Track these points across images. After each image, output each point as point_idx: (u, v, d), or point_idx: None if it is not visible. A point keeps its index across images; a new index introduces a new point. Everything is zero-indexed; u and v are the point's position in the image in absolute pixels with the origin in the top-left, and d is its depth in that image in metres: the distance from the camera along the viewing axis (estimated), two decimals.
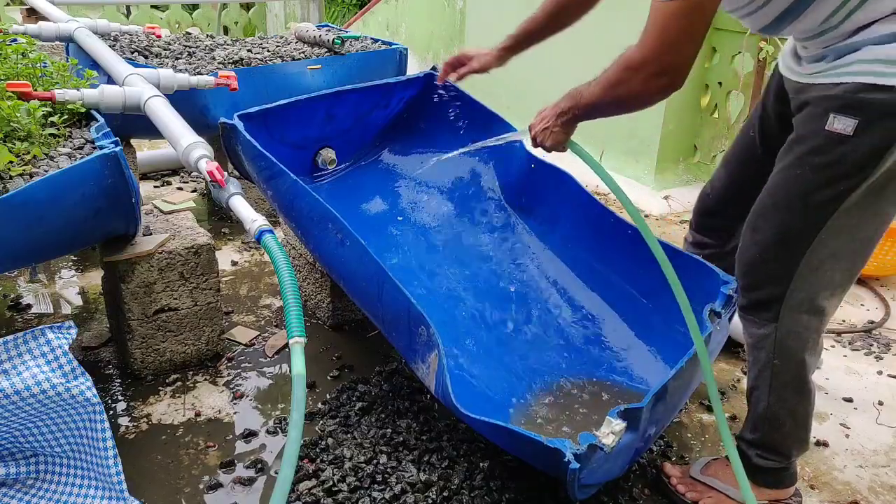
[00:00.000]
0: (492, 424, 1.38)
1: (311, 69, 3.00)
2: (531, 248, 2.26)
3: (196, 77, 2.31)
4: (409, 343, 1.65)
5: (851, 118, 1.28)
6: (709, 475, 1.68)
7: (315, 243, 1.98)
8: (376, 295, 1.72)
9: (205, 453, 1.79)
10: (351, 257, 1.77)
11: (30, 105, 1.78)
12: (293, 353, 1.26)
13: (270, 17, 7.28)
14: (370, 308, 1.87)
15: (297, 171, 2.01)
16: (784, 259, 1.44)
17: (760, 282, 1.50)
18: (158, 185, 3.60)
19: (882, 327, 2.51)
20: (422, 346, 1.60)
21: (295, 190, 1.83)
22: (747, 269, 1.53)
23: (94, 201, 1.71)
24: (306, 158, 2.32)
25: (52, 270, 2.70)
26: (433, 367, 1.54)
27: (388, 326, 1.78)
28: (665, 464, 1.75)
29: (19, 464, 1.54)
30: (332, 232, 1.78)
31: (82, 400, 1.46)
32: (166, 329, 2.04)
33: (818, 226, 1.38)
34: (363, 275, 1.77)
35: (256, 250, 2.93)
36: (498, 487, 1.64)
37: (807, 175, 1.37)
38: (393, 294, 1.64)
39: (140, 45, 3.02)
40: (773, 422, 1.56)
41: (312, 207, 1.80)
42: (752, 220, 1.51)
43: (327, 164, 2.32)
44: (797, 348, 1.50)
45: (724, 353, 2.30)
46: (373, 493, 1.61)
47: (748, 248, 1.52)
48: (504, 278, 2.20)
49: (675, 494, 1.67)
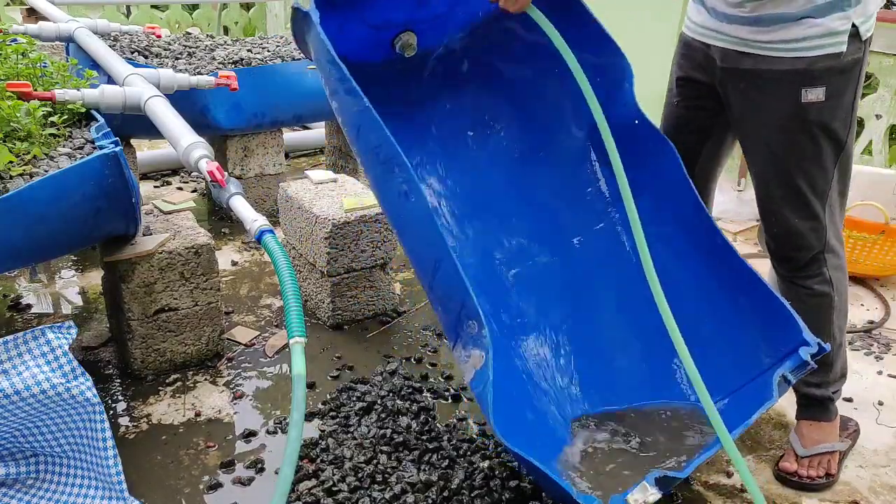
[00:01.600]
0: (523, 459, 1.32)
1: (312, 69, 3.00)
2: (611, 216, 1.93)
3: (196, 77, 2.30)
4: (455, 328, 1.53)
5: (820, 87, 1.51)
6: (812, 444, 1.78)
7: (376, 181, 1.73)
8: (431, 269, 1.59)
9: (205, 453, 1.79)
10: (412, 215, 1.60)
11: (30, 105, 1.78)
12: (293, 353, 1.26)
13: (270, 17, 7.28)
14: (422, 275, 1.67)
15: (371, 55, 1.87)
16: (817, 216, 1.63)
17: (808, 245, 1.65)
18: (158, 185, 3.60)
19: (882, 327, 2.51)
20: (468, 338, 1.48)
21: (365, 117, 1.57)
22: (792, 239, 1.66)
23: (94, 201, 1.71)
24: (384, 41, 1.94)
25: (52, 270, 2.70)
26: (475, 363, 1.46)
27: (437, 301, 1.64)
28: (780, 464, 1.79)
29: (19, 464, 1.54)
30: (397, 179, 1.57)
31: (82, 400, 1.46)
32: (166, 329, 2.04)
33: (829, 177, 1.61)
34: (421, 240, 1.62)
35: (256, 250, 2.93)
36: (498, 487, 1.63)
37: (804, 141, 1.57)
38: (450, 277, 1.49)
39: (140, 45, 3.02)
40: (840, 350, 1.76)
41: (381, 143, 1.57)
42: (775, 199, 1.64)
43: (405, 49, 1.96)
44: (844, 278, 1.72)
45: None
46: (373, 493, 1.61)
47: (785, 223, 1.65)
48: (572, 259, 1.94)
49: (811, 483, 1.74)
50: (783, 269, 1.73)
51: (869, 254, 2.69)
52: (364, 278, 2.36)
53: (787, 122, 1.56)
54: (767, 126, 1.60)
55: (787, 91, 1.54)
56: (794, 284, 1.71)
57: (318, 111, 3.26)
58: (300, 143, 4.13)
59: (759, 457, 1.85)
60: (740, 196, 3.49)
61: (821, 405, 1.79)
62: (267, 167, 3.21)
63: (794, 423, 1.91)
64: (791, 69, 1.52)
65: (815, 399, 1.79)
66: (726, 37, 1.60)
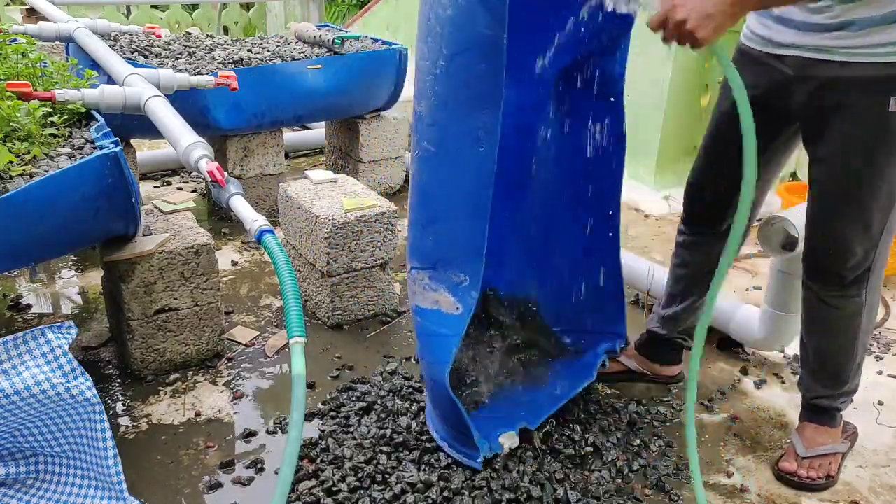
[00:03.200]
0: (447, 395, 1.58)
1: (311, 69, 3.00)
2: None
3: (196, 77, 2.30)
4: (436, 265, 1.63)
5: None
6: (815, 446, 1.77)
7: (439, 110, 1.52)
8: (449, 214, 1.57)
9: (205, 453, 1.79)
10: (470, 163, 1.49)
11: (30, 105, 1.78)
12: (293, 353, 1.26)
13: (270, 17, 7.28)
14: (431, 210, 1.63)
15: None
16: (873, 234, 1.58)
17: (856, 264, 1.61)
18: (158, 185, 3.60)
19: (882, 327, 2.50)
20: (450, 284, 1.59)
21: (483, 40, 1.39)
22: (845, 255, 1.60)
23: (94, 201, 1.71)
24: None
25: (52, 270, 2.70)
26: (444, 306, 1.58)
27: (431, 234, 1.65)
28: (780, 463, 1.79)
29: (19, 464, 1.54)
30: (479, 121, 1.44)
31: (82, 400, 1.46)
32: (166, 329, 2.04)
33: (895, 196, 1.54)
34: (460, 188, 1.53)
35: (256, 250, 2.93)
36: (498, 488, 1.63)
37: (879, 155, 1.48)
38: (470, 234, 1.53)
39: (140, 45, 3.02)
40: (859, 368, 1.77)
41: (486, 76, 1.40)
42: (834, 211, 1.58)
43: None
44: (877, 297, 1.70)
45: (725, 352, 2.30)
46: (373, 493, 1.61)
47: (839, 239, 1.59)
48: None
49: (808, 484, 1.74)
50: (818, 285, 1.67)
51: None
52: (364, 278, 2.36)
53: (868, 131, 1.47)
54: (844, 134, 1.50)
55: (872, 98, 1.44)
56: (824, 304, 1.67)
57: (318, 111, 3.26)
58: (300, 143, 4.14)
59: (759, 457, 1.85)
60: None
61: (827, 413, 1.80)
62: (267, 167, 3.21)
63: (794, 423, 1.92)
64: (879, 75, 1.42)
65: (822, 408, 1.80)
66: (803, 46, 1.50)
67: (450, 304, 1.61)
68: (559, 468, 1.71)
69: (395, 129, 3.45)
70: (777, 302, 2.05)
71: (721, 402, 2.06)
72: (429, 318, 1.65)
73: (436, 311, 1.63)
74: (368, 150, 3.40)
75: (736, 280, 2.83)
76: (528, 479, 1.66)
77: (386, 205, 2.34)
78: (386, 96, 3.34)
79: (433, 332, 1.64)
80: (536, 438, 1.79)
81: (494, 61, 1.38)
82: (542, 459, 1.74)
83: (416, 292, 1.69)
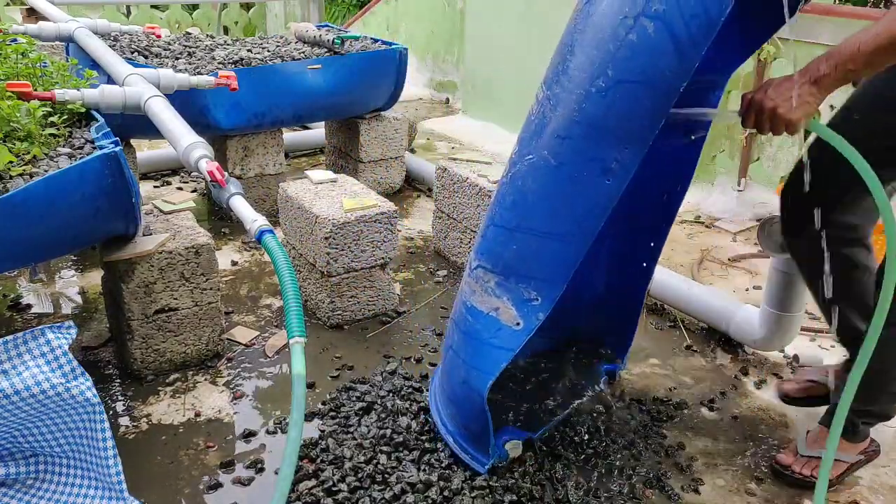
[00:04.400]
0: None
1: (311, 69, 3.01)
2: None
3: (196, 77, 2.30)
4: (505, 272, 1.55)
5: None
6: (816, 448, 1.74)
7: (576, 133, 1.40)
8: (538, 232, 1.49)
9: (205, 453, 1.79)
10: (591, 191, 1.40)
11: (30, 105, 1.78)
12: (293, 353, 1.26)
13: (270, 17, 7.28)
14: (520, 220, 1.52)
15: None
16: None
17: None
18: (158, 185, 3.60)
19: None
20: (516, 296, 1.53)
21: (664, 63, 1.28)
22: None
23: (94, 201, 1.71)
24: None
25: (52, 270, 2.70)
26: (505, 316, 1.55)
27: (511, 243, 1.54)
28: (778, 456, 1.79)
29: (19, 464, 1.54)
30: (613, 153, 1.36)
31: (82, 400, 1.46)
32: (166, 329, 2.04)
33: None
34: (566, 214, 1.45)
35: (256, 250, 2.93)
36: (499, 488, 1.63)
37: None
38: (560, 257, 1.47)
39: (140, 45, 3.02)
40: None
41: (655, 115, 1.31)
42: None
43: None
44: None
45: (724, 353, 2.30)
46: (373, 493, 1.61)
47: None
48: None
49: (803, 479, 1.73)
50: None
51: None
52: (364, 278, 2.36)
53: None
54: None
55: None
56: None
57: (318, 111, 3.26)
58: (300, 143, 4.14)
59: (759, 457, 1.85)
60: (740, 196, 3.49)
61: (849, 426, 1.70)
62: (267, 167, 3.21)
63: (793, 423, 1.92)
64: None
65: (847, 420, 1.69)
66: None
67: (511, 316, 1.54)
68: (560, 469, 1.71)
69: (395, 129, 3.45)
70: (777, 302, 2.04)
71: (721, 401, 2.06)
72: (482, 322, 1.59)
73: (492, 317, 1.57)
74: (368, 150, 3.40)
75: (736, 280, 2.83)
76: (529, 480, 1.66)
77: (386, 205, 2.34)
78: (386, 96, 3.34)
79: (484, 340, 1.58)
80: (536, 439, 1.78)
81: (662, 105, 1.30)
82: (543, 460, 1.74)
83: (475, 291, 1.61)
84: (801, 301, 2.02)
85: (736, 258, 3.00)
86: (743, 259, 3.00)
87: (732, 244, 3.17)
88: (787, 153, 3.43)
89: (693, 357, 2.28)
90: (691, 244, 3.14)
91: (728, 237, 3.23)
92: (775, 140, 3.45)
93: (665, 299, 2.48)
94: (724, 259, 3.00)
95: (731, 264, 2.97)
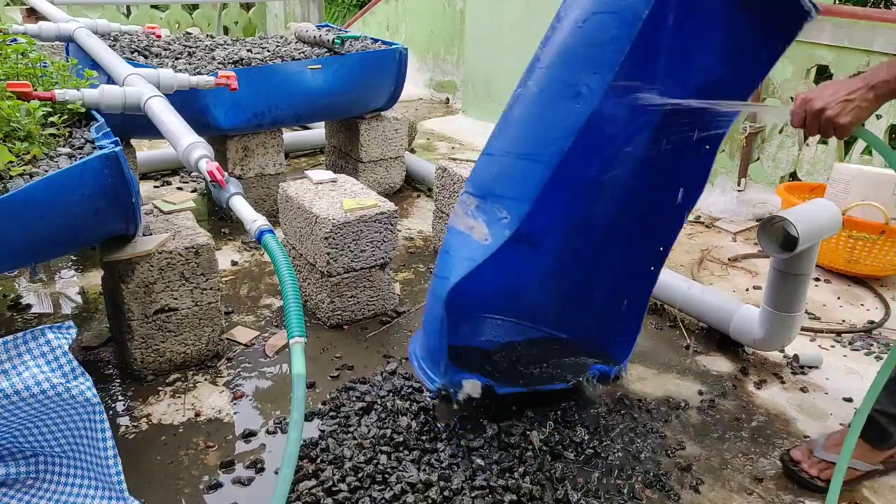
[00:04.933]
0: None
1: (311, 69, 3.01)
2: None
3: (196, 77, 2.30)
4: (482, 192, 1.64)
5: None
6: (837, 451, 1.70)
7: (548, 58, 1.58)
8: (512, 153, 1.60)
9: (205, 453, 1.79)
10: (560, 112, 1.53)
11: (30, 105, 1.78)
12: (293, 353, 1.26)
13: (270, 17, 7.28)
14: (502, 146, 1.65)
15: None
16: None
17: None
18: (158, 185, 3.60)
19: (882, 327, 2.51)
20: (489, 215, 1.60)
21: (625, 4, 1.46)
22: None
23: (94, 201, 1.71)
24: None
25: (52, 270, 2.70)
26: (477, 234, 1.59)
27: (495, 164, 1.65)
28: (792, 450, 1.78)
29: (19, 464, 1.54)
30: (584, 75, 1.50)
31: (82, 400, 1.46)
32: (166, 329, 2.04)
33: None
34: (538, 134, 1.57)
35: (256, 250, 2.93)
36: (499, 488, 1.63)
37: None
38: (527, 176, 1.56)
39: (140, 45, 3.02)
40: None
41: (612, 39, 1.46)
42: None
43: None
44: None
45: (724, 352, 2.30)
46: (373, 493, 1.61)
47: None
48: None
49: (808, 479, 1.72)
50: None
51: (869, 254, 2.69)
52: (364, 278, 2.36)
53: None
54: None
55: None
56: None
57: (318, 111, 3.26)
58: (300, 143, 4.14)
59: (759, 457, 1.85)
60: (740, 196, 3.50)
61: (875, 430, 1.69)
62: (267, 167, 3.21)
63: (793, 423, 1.92)
64: None
65: (875, 423, 1.67)
66: None
67: (482, 233, 1.61)
68: (560, 469, 1.71)
69: (395, 129, 3.45)
70: (777, 302, 2.04)
71: (721, 401, 2.06)
72: (456, 240, 1.67)
73: (466, 234, 1.65)
74: (368, 150, 3.40)
75: (736, 280, 2.84)
76: (529, 480, 1.66)
77: (386, 205, 2.34)
78: (386, 96, 3.34)
79: (454, 253, 1.67)
80: (536, 439, 1.79)
81: (627, 32, 1.45)
82: (543, 460, 1.74)
83: (458, 214, 1.69)
84: (801, 301, 2.02)
85: (736, 258, 3.01)
86: (743, 259, 3.01)
87: (732, 244, 3.18)
88: (787, 153, 3.43)
89: (693, 357, 2.28)
90: (691, 244, 3.14)
91: (728, 237, 3.24)
92: (775, 140, 3.45)
93: (665, 299, 2.49)
94: (724, 259, 3.00)
95: (731, 264, 2.97)
